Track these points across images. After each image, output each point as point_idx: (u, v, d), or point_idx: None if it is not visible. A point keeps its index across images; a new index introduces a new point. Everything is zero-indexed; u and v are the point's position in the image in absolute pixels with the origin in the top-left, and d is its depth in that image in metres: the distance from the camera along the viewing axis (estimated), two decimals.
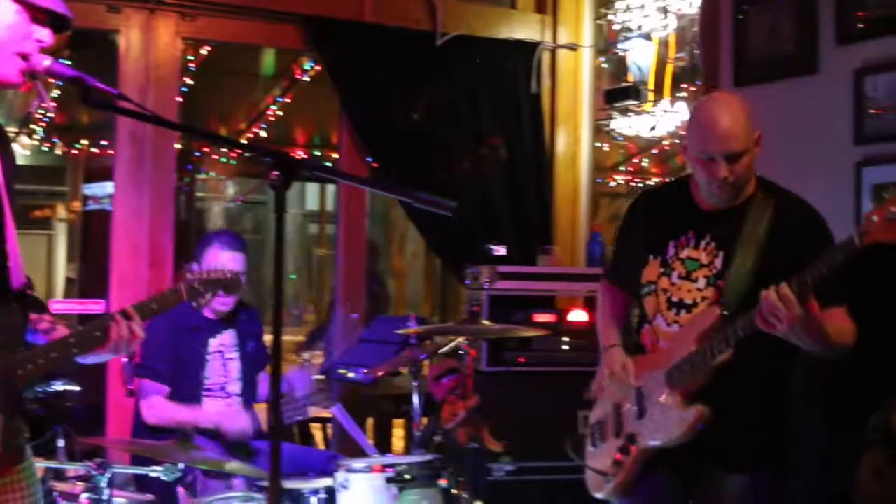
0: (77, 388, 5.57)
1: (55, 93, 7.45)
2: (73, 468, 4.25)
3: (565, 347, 5.76)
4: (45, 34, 2.93)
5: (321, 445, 7.68)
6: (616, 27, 6.98)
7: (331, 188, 13.95)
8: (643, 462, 3.55)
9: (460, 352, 4.81)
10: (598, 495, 3.71)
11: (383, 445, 7.17)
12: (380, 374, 5.18)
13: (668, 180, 4.45)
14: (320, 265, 16.23)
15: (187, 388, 4.99)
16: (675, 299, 3.58)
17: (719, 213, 3.54)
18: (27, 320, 2.96)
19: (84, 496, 4.05)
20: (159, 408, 4.92)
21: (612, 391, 3.69)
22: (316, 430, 8.05)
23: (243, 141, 10.05)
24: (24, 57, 2.90)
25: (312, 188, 15.06)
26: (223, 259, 4.98)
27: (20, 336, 2.93)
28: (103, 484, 3.98)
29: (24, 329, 2.95)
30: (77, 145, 10.88)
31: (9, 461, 2.88)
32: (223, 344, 5.10)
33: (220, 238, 5.14)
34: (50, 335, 3.01)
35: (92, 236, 11.31)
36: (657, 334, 3.62)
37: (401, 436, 7.85)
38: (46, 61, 2.92)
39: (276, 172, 2.57)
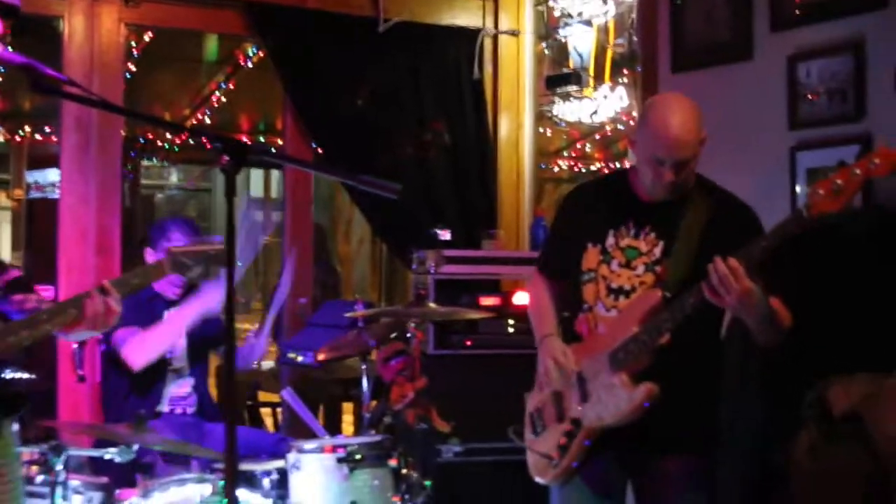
0: (28, 376, 5.57)
1: None
2: (28, 451, 4.27)
3: (511, 330, 5.82)
4: None
5: (271, 429, 7.73)
6: (556, 13, 7.04)
7: (275, 174, 13.95)
8: (588, 446, 3.58)
9: (408, 335, 4.87)
10: (542, 481, 3.75)
11: (333, 429, 7.21)
12: (328, 356, 5.23)
13: (605, 172, 4.51)
14: (266, 252, 16.19)
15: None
16: (614, 286, 3.63)
17: (659, 204, 3.61)
18: None
19: (39, 478, 4.09)
20: (140, 341, 4.89)
21: (550, 379, 3.70)
22: (266, 415, 8.09)
23: (189, 127, 10.03)
24: None
25: (257, 175, 15.03)
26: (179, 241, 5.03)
27: None
28: (59, 466, 4.01)
29: None
30: (20, 132, 10.82)
31: None
32: None
33: (177, 225, 5.17)
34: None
35: (36, 224, 11.25)
36: (595, 321, 3.66)
37: (350, 420, 7.90)
38: None
39: (226, 157, 2.61)
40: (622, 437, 3.51)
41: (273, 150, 5.31)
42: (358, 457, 4.31)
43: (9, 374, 5.50)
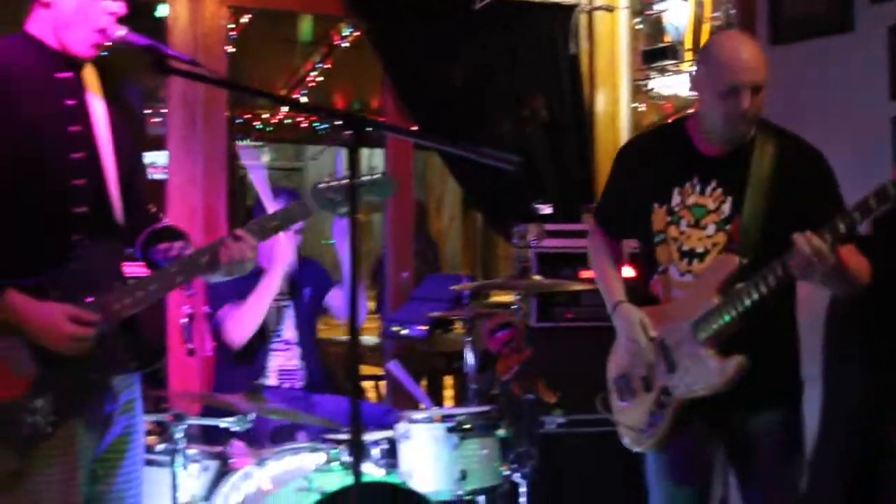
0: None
1: None
2: (148, 420, 4.41)
3: None
4: (116, 5, 3.07)
5: (374, 401, 7.84)
6: None
7: (366, 151, 14.01)
8: (679, 414, 3.56)
9: (512, 307, 4.94)
10: (637, 449, 3.73)
11: (436, 401, 7.31)
12: (435, 319, 5.27)
13: (662, 125, 4.37)
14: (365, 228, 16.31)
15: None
16: (685, 248, 3.56)
17: (722, 157, 3.54)
18: (121, 256, 3.10)
19: (160, 447, 4.24)
20: (237, 319, 5.03)
21: (635, 348, 3.64)
22: (368, 388, 8.20)
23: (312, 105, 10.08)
24: (101, 30, 3.06)
25: (346, 153, 15.13)
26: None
27: (114, 272, 3.08)
28: (178, 435, 4.15)
29: (117, 264, 3.09)
30: None
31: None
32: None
33: (284, 194, 5.31)
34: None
35: None
36: (670, 284, 3.61)
37: (451, 394, 8.00)
38: (121, 31, 3.07)
39: (347, 133, 2.66)
40: (711, 400, 3.48)
41: (392, 125, 5.34)
42: (467, 426, 4.39)
43: None
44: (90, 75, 3.16)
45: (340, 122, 2.72)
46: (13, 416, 2.85)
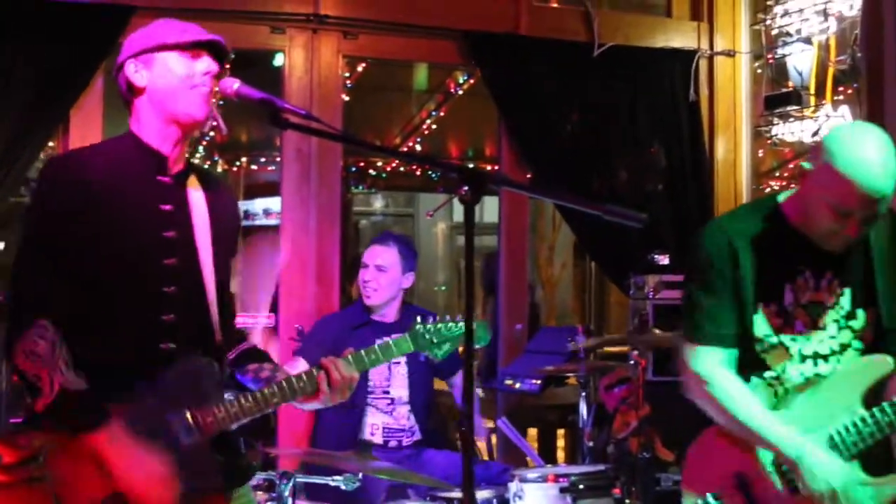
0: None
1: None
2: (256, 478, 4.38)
3: None
4: (205, 63, 3.04)
5: (485, 456, 7.74)
6: (774, 32, 6.89)
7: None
8: None
9: (630, 361, 4.82)
10: None
11: (548, 456, 7.19)
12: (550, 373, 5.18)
13: (747, 204, 3.85)
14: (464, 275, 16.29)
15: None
16: (807, 352, 3.23)
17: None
18: (221, 375, 3.05)
19: None
20: None
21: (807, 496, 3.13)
22: (479, 441, 8.09)
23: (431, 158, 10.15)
24: (205, 91, 3.03)
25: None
26: (379, 255, 5.21)
27: (210, 388, 3.00)
28: (286, 493, 4.10)
29: (214, 382, 3.02)
30: (237, 163, 11.17)
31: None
32: None
33: (378, 237, 5.38)
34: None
35: (249, 251, 11.54)
36: (786, 389, 3.26)
37: (563, 446, 7.86)
38: (235, 84, 3.02)
39: (465, 188, 2.60)
40: None
41: (511, 179, 5.28)
42: (581, 486, 4.27)
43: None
44: (193, 181, 3.13)
45: (457, 177, 2.62)
46: None
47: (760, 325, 3.23)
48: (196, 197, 3.09)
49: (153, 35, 3.04)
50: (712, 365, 3.28)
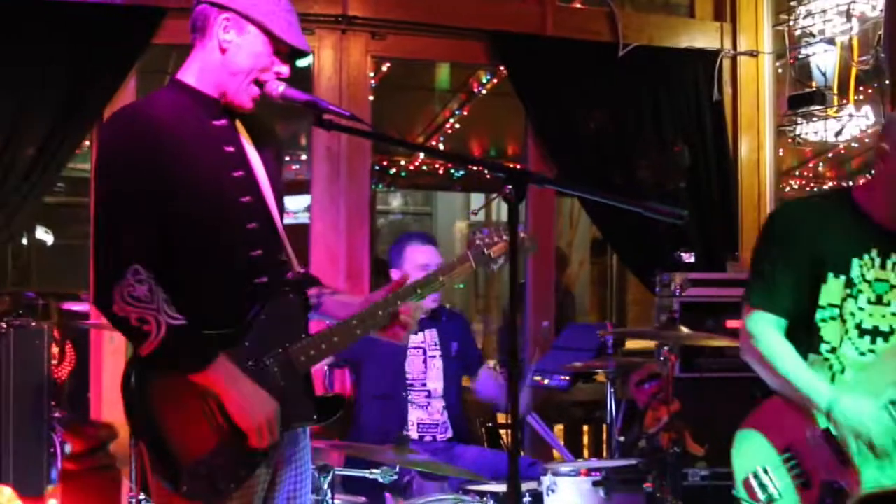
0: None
1: None
2: None
3: None
4: (284, 69, 3.11)
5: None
6: (797, 32, 6.94)
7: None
8: None
9: (660, 357, 4.87)
10: None
11: (575, 451, 7.24)
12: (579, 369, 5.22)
13: (820, 191, 4.04)
14: (487, 275, 16.27)
15: (392, 378, 5.18)
16: (867, 325, 3.33)
17: None
18: (307, 309, 3.13)
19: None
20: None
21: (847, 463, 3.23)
22: (506, 436, 8.14)
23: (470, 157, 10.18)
24: (259, 84, 3.10)
25: (478, 196, 15.21)
26: (423, 254, 5.18)
27: (300, 325, 3.10)
28: (325, 486, 4.16)
29: (303, 319, 3.12)
30: None
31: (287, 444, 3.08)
32: (424, 342, 5.27)
33: (415, 236, 5.36)
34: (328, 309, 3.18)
35: None
36: (841, 364, 3.35)
37: (587, 443, 7.90)
38: (281, 87, 3.11)
39: (508, 187, 2.66)
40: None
41: (550, 178, 5.31)
42: (614, 480, 4.33)
43: None
44: (240, 125, 3.19)
45: (503, 177, 2.68)
46: (199, 474, 2.89)
47: (827, 294, 3.34)
48: (245, 136, 3.15)
49: (262, 6, 3.04)
50: (763, 326, 3.42)
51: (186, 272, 2.97)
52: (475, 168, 10.99)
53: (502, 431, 8.13)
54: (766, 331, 3.42)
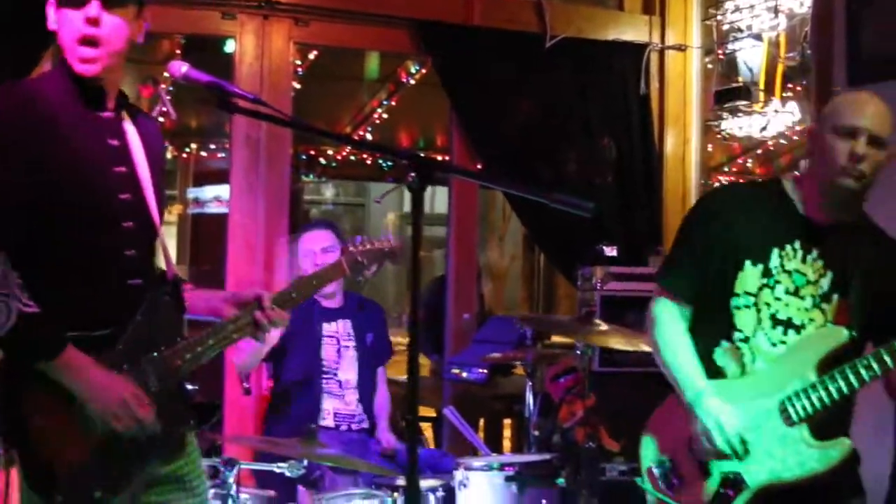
0: (193, 388, 5.69)
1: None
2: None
3: None
4: (81, 14, 2.86)
5: (431, 444, 7.75)
6: (725, 27, 6.94)
7: (430, 190, 13.97)
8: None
9: (576, 351, 4.84)
10: None
11: (494, 445, 7.21)
12: (495, 361, 5.19)
13: (755, 181, 4.03)
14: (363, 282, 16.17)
15: (307, 365, 5.13)
16: (781, 316, 3.26)
17: (827, 227, 3.27)
18: (183, 311, 3.05)
19: (211, 491, 4.15)
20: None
21: (711, 446, 3.19)
22: (425, 428, 8.10)
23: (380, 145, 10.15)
24: (87, 41, 2.85)
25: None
26: (317, 239, 5.14)
27: (176, 328, 3.02)
28: (230, 479, 4.08)
29: (179, 322, 3.03)
30: (187, 149, 11.08)
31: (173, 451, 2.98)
32: (338, 332, 5.22)
33: (312, 223, 5.32)
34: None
35: (199, 238, 11.50)
36: (753, 354, 3.27)
37: (509, 436, 7.88)
38: (183, 67, 2.97)
39: (412, 174, 2.59)
40: (800, 490, 3.18)
41: (459, 167, 5.28)
42: (526, 475, 4.30)
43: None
44: (125, 115, 3.04)
45: (405, 164, 2.62)
46: (75, 482, 2.76)
47: (743, 281, 3.27)
48: (131, 131, 3.01)
49: None
50: (664, 313, 3.38)
51: (56, 267, 2.84)
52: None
53: (424, 425, 8.11)
54: (665, 318, 3.38)
